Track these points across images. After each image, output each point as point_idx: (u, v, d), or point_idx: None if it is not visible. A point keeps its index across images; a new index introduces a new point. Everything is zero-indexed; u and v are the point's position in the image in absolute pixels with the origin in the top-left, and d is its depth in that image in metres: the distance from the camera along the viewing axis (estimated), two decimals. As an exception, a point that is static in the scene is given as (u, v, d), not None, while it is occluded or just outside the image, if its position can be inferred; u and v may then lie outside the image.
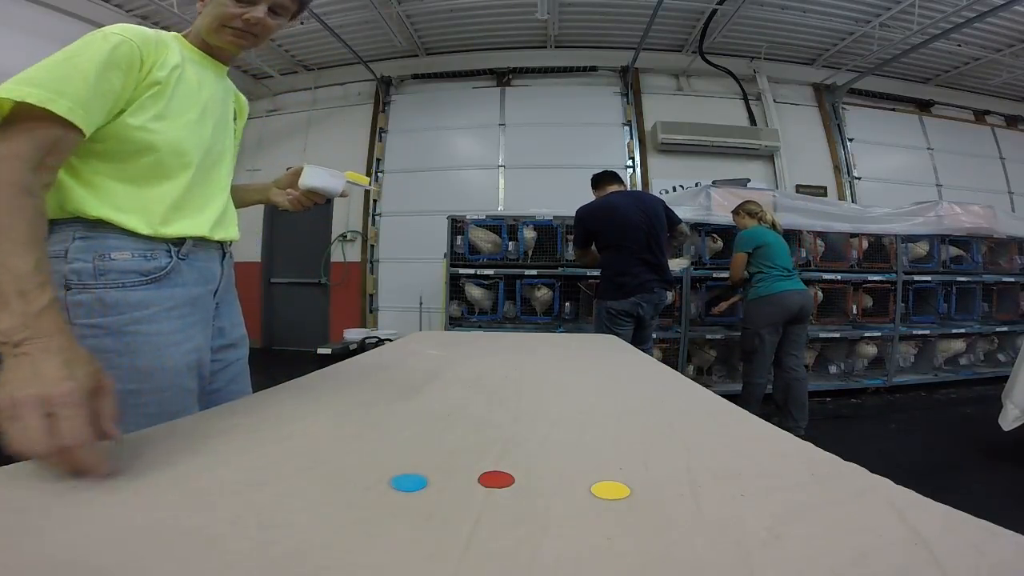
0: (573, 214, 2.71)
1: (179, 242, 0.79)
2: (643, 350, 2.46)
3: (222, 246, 0.89)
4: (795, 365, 2.77)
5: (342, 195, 0.97)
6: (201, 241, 0.83)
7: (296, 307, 5.55)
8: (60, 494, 0.40)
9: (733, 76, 5.22)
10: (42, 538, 0.33)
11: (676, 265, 3.02)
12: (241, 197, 1.01)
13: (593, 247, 2.61)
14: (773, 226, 2.85)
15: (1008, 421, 2.25)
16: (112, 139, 0.72)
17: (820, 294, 3.67)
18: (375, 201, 5.29)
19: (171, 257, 0.78)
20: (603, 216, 2.52)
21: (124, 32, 0.70)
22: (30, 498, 0.39)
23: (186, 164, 0.78)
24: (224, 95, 0.89)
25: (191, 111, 0.79)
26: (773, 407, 2.83)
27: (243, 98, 1.00)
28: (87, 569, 0.30)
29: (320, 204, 1.00)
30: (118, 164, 0.73)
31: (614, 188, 2.62)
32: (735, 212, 2.97)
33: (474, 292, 3.51)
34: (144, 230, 0.74)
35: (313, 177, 0.95)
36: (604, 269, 2.57)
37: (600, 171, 2.71)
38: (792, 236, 3.57)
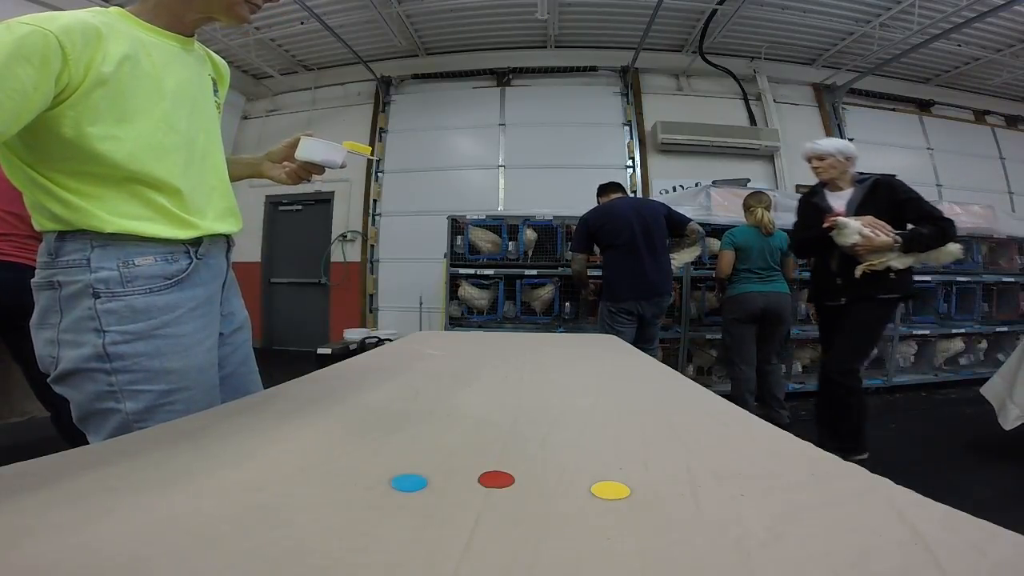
0: (573, 214, 2.88)
1: (196, 242, 0.79)
2: (648, 350, 2.50)
3: (227, 238, 0.88)
4: (765, 359, 2.92)
5: (341, 166, 0.93)
6: (212, 237, 0.82)
7: (296, 307, 5.54)
8: (59, 494, 0.40)
9: (733, 76, 5.21)
10: (42, 539, 0.33)
11: (689, 255, 3.02)
12: (229, 172, 0.95)
13: (597, 250, 2.77)
14: (763, 225, 2.85)
15: (1008, 421, 2.24)
16: (86, 160, 0.67)
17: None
18: (375, 201, 5.28)
19: (191, 259, 0.78)
20: (603, 218, 2.71)
21: (35, 21, 0.61)
22: (29, 499, 0.39)
23: (173, 163, 0.74)
24: (198, 69, 0.82)
25: (158, 105, 0.72)
26: (757, 402, 2.93)
27: (221, 62, 0.92)
28: (87, 568, 0.30)
29: (319, 175, 0.96)
30: (107, 180, 0.70)
31: (617, 195, 2.81)
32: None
33: (468, 292, 3.48)
34: (162, 234, 0.73)
35: (310, 151, 0.90)
36: (604, 269, 2.73)
37: (606, 182, 2.90)
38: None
